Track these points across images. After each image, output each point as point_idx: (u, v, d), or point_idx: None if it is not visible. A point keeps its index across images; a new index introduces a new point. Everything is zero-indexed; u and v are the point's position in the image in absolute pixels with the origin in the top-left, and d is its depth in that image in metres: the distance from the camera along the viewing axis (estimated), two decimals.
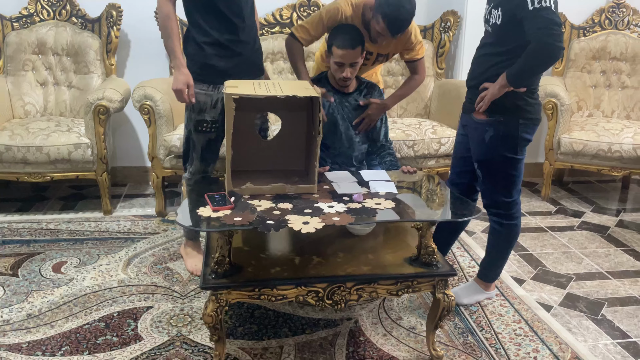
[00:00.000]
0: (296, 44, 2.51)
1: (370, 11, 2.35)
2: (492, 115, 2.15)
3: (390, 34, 2.31)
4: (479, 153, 2.23)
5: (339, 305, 1.92)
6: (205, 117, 2.38)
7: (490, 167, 2.23)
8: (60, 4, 3.55)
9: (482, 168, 2.25)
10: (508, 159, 2.18)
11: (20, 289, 2.49)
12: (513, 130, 2.14)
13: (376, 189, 2.12)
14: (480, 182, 2.30)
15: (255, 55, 2.48)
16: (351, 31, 2.35)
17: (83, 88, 3.55)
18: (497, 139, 2.16)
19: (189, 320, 2.27)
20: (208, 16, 2.28)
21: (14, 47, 3.51)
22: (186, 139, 2.50)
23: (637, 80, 3.89)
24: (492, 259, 2.43)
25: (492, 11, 2.09)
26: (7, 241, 2.95)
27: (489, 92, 2.11)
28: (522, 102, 2.12)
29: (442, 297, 1.98)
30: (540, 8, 1.89)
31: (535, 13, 1.90)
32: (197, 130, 2.40)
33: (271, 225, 1.73)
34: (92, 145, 3.19)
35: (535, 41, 1.93)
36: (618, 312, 2.45)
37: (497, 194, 2.26)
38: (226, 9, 2.26)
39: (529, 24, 1.93)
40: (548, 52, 1.93)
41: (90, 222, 3.22)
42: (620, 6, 3.91)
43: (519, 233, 2.36)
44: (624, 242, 3.17)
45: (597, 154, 3.49)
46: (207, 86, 2.35)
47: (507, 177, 2.22)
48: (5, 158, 3.12)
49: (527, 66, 2.00)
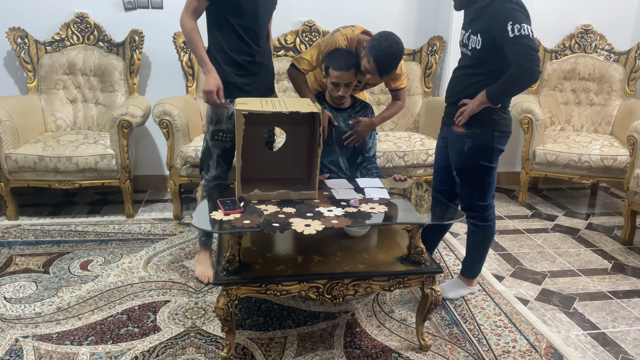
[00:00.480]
0: (299, 74, 2.51)
1: (363, 49, 2.33)
2: (470, 127, 2.16)
3: (378, 75, 2.30)
4: (458, 162, 2.24)
5: (338, 300, 1.91)
6: (222, 127, 2.37)
7: (468, 175, 2.24)
8: (88, 30, 3.56)
9: (461, 175, 2.26)
10: (484, 167, 2.19)
11: (51, 284, 2.48)
12: (488, 142, 2.16)
13: (371, 195, 2.12)
14: (459, 187, 2.30)
15: (268, 77, 2.49)
16: (346, 55, 2.37)
17: (108, 105, 3.55)
18: (474, 149, 2.17)
19: (203, 313, 2.26)
20: (228, 39, 2.29)
21: (47, 68, 3.52)
22: (204, 149, 2.50)
23: (603, 98, 3.89)
24: (471, 257, 2.43)
25: (470, 37, 2.10)
26: (39, 241, 2.94)
27: (468, 108, 2.11)
28: (497, 117, 2.14)
29: (430, 292, 1.97)
30: (520, 36, 1.90)
31: (515, 40, 1.91)
32: (214, 139, 2.39)
33: (277, 228, 1.73)
34: (116, 156, 3.19)
35: (516, 65, 1.93)
36: (588, 305, 2.44)
37: (474, 198, 2.27)
38: (245, 35, 2.28)
39: (510, 49, 1.94)
40: (528, 75, 1.94)
41: (114, 225, 3.21)
42: (588, 32, 3.92)
43: (494, 233, 2.36)
44: (593, 242, 3.16)
45: (569, 164, 3.48)
46: (225, 100, 2.34)
47: (483, 184, 2.23)
48: (39, 167, 3.12)
49: (507, 86, 2.01)
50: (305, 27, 3.73)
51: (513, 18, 1.92)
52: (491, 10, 2.01)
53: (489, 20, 2.00)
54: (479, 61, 2.10)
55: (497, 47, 1.99)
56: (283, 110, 1.95)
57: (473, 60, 2.13)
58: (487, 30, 2.01)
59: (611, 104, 3.86)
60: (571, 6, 3.95)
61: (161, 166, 3.90)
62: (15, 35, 3.44)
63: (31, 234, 3.03)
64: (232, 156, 2.48)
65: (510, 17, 1.92)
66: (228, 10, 2.24)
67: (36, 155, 3.10)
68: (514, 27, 1.90)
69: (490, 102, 2.06)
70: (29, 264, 2.67)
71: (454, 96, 2.22)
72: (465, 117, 2.13)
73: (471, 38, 2.10)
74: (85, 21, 3.54)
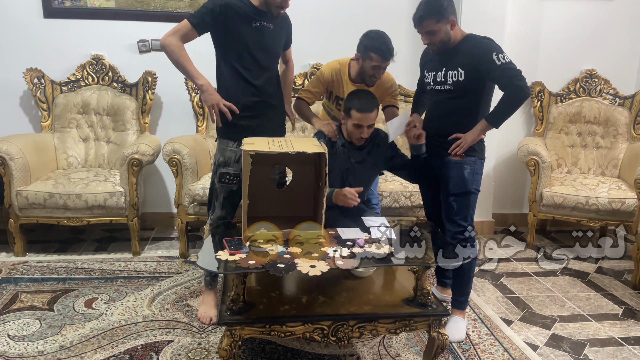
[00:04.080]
0: (303, 102, 2.72)
1: (357, 63, 2.56)
2: (467, 155, 2.35)
3: (384, 59, 2.46)
4: (458, 187, 2.37)
5: (343, 342, 1.88)
6: (229, 170, 2.38)
7: (465, 198, 2.38)
8: (103, 71, 3.66)
9: (458, 200, 2.38)
10: (476, 190, 2.40)
11: (55, 322, 2.46)
12: (478, 168, 2.39)
13: (376, 234, 2.11)
14: (454, 212, 2.39)
15: (278, 119, 2.52)
16: (368, 95, 2.38)
17: (120, 143, 3.61)
18: (471, 174, 2.36)
19: (206, 354, 2.22)
20: (234, 81, 2.32)
21: (61, 108, 3.60)
22: (210, 189, 2.51)
23: (609, 142, 3.90)
24: (462, 284, 2.48)
25: (448, 72, 2.32)
26: (45, 278, 2.94)
27: (468, 138, 2.30)
28: (482, 146, 2.41)
29: (437, 335, 1.94)
30: (506, 62, 2.18)
31: (504, 66, 2.17)
32: (221, 182, 2.40)
33: (281, 269, 1.72)
34: (125, 194, 3.22)
35: (510, 86, 2.17)
36: (599, 352, 2.38)
37: (467, 221, 2.39)
38: (251, 78, 2.32)
39: (500, 75, 2.18)
40: (522, 94, 2.17)
41: (120, 262, 3.21)
42: (592, 76, 3.97)
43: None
44: (602, 287, 3.11)
45: (576, 207, 3.46)
46: (233, 143, 2.36)
47: (473, 206, 2.41)
48: (49, 204, 3.15)
49: (505, 108, 2.22)
50: (314, 69, 3.81)
51: (495, 49, 2.20)
52: (468, 47, 2.28)
53: (470, 55, 2.25)
54: (463, 92, 2.31)
55: (479, 78, 2.26)
56: (289, 150, 1.97)
57: (456, 93, 2.32)
58: (469, 63, 2.26)
59: (617, 147, 3.86)
60: (575, 51, 4.02)
61: (169, 204, 3.92)
62: (32, 76, 3.54)
63: (37, 271, 3.03)
64: (238, 198, 2.47)
65: (493, 49, 2.20)
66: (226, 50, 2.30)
67: (46, 192, 3.13)
68: (499, 56, 2.17)
69: (493, 126, 2.28)
70: (34, 301, 2.66)
71: (447, 129, 2.36)
72: (465, 147, 2.31)
73: (449, 73, 2.31)
74: (101, 63, 3.65)
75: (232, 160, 2.37)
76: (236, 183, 2.39)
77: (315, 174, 2.21)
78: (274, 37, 2.38)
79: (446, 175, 2.39)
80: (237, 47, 2.28)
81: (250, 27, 2.27)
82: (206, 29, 2.27)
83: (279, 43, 2.45)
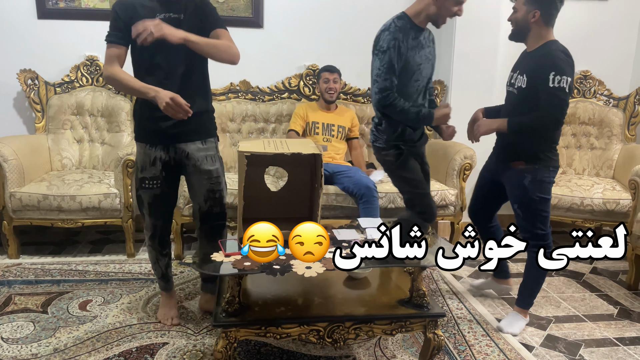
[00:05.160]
0: (293, 133, 3.44)
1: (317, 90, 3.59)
2: (529, 163, 2.32)
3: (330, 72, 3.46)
4: (520, 196, 2.38)
5: (338, 343, 1.88)
6: (146, 174, 2.23)
7: (528, 207, 2.37)
8: (98, 72, 3.65)
9: (522, 208, 2.39)
10: (542, 199, 2.35)
11: (49, 325, 2.45)
12: (544, 176, 2.33)
13: (372, 235, 2.11)
14: (520, 219, 2.40)
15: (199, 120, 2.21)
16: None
17: (114, 145, 3.59)
18: (533, 182, 2.33)
19: (201, 356, 2.22)
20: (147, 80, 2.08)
21: (55, 109, 3.58)
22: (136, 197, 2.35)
23: (604, 142, 3.91)
24: (531, 285, 2.51)
25: (517, 77, 2.31)
26: (40, 281, 2.92)
27: (485, 126, 2.33)
28: (550, 154, 2.34)
29: (433, 336, 1.94)
30: (558, 88, 2.11)
31: (552, 91, 2.12)
32: (142, 188, 2.27)
33: (277, 270, 1.72)
34: (120, 195, 3.20)
35: (547, 113, 2.15)
36: (594, 352, 2.38)
37: (536, 228, 2.38)
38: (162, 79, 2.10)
39: (545, 97, 2.15)
40: (554, 125, 2.20)
41: (115, 264, 3.19)
42: (587, 78, 3.99)
43: None
44: (597, 287, 3.12)
45: (571, 207, 3.47)
46: (145, 145, 2.22)
47: (541, 214, 2.37)
48: (43, 206, 3.13)
49: (530, 125, 2.22)
50: (309, 70, 3.81)
51: (556, 68, 2.12)
52: (541, 54, 2.22)
53: (536, 64, 2.21)
54: (524, 100, 2.27)
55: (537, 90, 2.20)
56: (285, 151, 1.97)
57: (519, 99, 2.31)
58: (533, 71, 2.21)
59: (612, 148, 3.88)
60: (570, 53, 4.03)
61: None
62: (26, 77, 3.52)
63: (31, 273, 3.01)
64: (166, 203, 2.35)
65: (554, 67, 2.12)
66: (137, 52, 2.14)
67: (40, 194, 3.11)
68: (555, 78, 2.11)
69: (509, 130, 2.26)
70: (28, 304, 2.64)
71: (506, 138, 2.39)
72: (481, 132, 2.34)
73: (518, 78, 2.31)
74: (95, 64, 3.63)
75: (147, 164, 2.24)
76: (159, 187, 2.25)
77: (311, 175, 2.21)
78: (185, 28, 2.04)
79: (507, 183, 2.44)
80: (140, 48, 2.03)
81: None
82: (127, 37, 2.07)
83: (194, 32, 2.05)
